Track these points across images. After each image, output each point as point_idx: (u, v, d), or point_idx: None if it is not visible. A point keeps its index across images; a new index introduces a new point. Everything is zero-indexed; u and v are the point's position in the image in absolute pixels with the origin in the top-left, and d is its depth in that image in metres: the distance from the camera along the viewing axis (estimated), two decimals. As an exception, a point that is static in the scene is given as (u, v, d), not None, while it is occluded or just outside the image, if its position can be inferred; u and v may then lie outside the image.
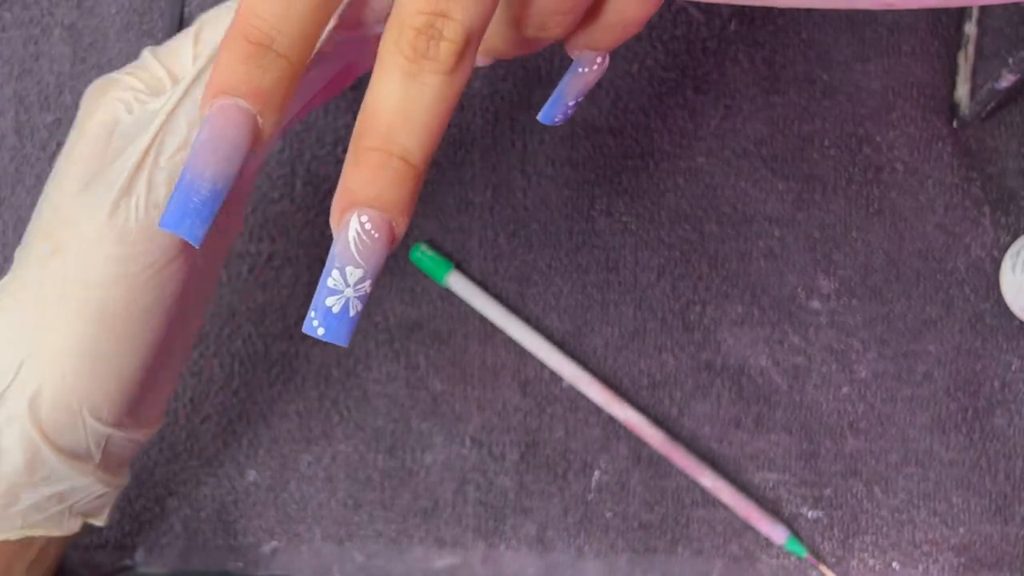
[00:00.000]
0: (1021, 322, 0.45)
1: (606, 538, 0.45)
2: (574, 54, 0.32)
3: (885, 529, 0.46)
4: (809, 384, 0.46)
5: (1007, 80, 0.43)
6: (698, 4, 0.47)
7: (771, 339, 0.46)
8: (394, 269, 0.45)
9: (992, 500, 0.46)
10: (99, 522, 0.37)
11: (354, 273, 0.26)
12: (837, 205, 0.45)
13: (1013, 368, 0.45)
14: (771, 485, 0.45)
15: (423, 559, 0.46)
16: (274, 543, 0.46)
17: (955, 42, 0.45)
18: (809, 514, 0.46)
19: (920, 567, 0.46)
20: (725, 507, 0.45)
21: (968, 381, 0.45)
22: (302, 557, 0.46)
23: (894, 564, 0.46)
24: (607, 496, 0.45)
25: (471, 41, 0.26)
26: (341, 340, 0.26)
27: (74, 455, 0.33)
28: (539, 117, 0.34)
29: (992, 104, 0.44)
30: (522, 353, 0.45)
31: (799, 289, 0.46)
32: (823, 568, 0.45)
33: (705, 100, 0.46)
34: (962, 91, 0.44)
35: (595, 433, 0.45)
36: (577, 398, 0.45)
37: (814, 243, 0.45)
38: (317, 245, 0.46)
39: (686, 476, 0.45)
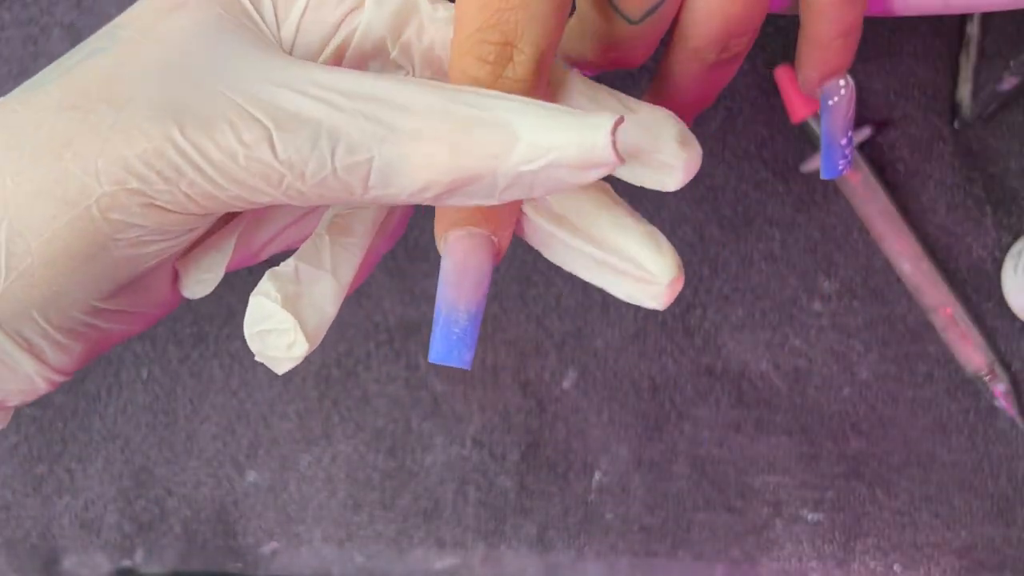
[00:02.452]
0: (1022, 323, 0.45)
1: (606, 540, 0.45)
2: (813, 91, 0.33)
3: (887, 531, 0.46)
4: (810, 386, 0.46)
5: (1009, 83, 0.43)
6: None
7: (772, 342, 0.46)
8: (393, 270, 0.45)
9: (994, 502, 0.46)
10: None
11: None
12: (838, 206, 0.45)
13: (1013, 369, 0.45)
14: (772, 488, 0.45)
15: (423, 560, 0.46)
16: (274, 544, 0.46)
17: (957, 43, 0.45)
18: (810, 517, 0.46)
19: (922, 569, 0.46)
20: (728, 510, 0.45)
21: (970, 382, 0.45)
22: (302, 558, 0.46)
23: (896, 567, 0.46)
24: (608, 498, 0.45)
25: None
26: None
27: None
28: (822, 175, 0.34)
29: (994, 105, 0.44)
30: (522, 353, 0.45)
31: (800, 291, 0.45)
32: None
33: (706, 101, 0.46)
34: (964, 91, 0.44)
35: (596, 434, 0.45)
36: (578, 398, 0.45)
37: (815, 245, 0.45)
38: (318, 246, 0.46)
39: (687, 479, 0.45)
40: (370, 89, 0.25)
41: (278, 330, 0.28)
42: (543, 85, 0.28)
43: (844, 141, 0.33)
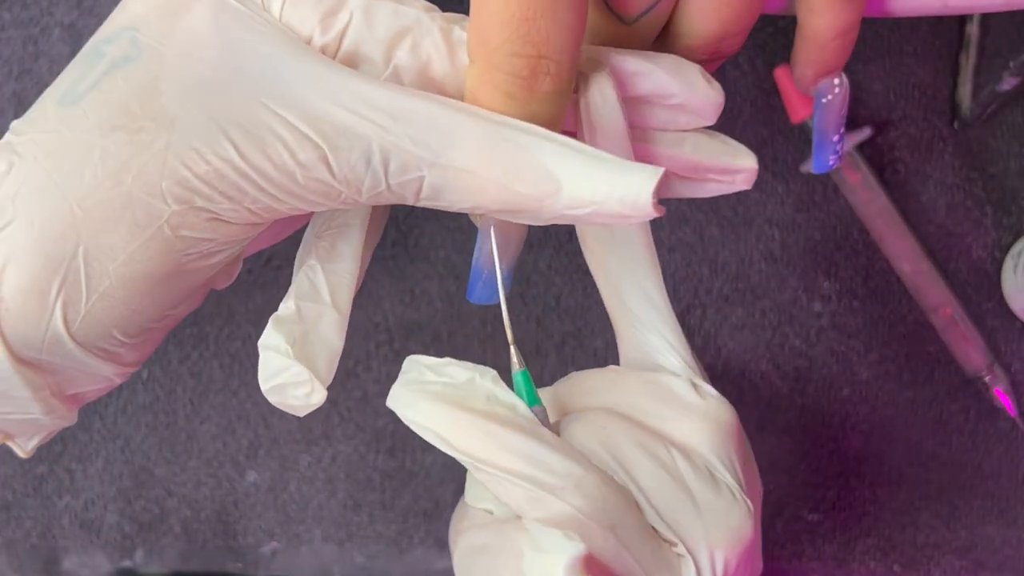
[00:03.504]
0: (1022, 323, 0.45)
1: (606, 540, 0.45)
2: (808, 88, 0.33)
3: (887, 531, 0.46)
4: (810, 386, 0.46)
5: (1008, 83, 0.43)
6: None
7: (772, 343, 0.46)
8: (393, 271, 0.45)
9: (995, 502, 0.46)
10: (18, 450, 0.31)
11: None
12: (837, 206, 0.45)
13: (1013, 369, 0.45)
14: (772, 488, 0.45)
15: (423, 560, 0.46)
16: (274, 544, 0.46)
17: (957, 43, 0.45)
18: (810, 516, 0.46)
19: (922, 570, 0.46)
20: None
21: (970, 382, 0.45)
22: (302, 558, 0.46)
23: (896, 567, 0.46)
24: (607, 498, 0.45)
25: None
26: None
27: (25, 360, 0.27)
28: (812, 170, 0.35)
29: (994, 106, 0.44)
30: (522, 353, 0.45)
31: (800, 292, 0.45)
32: None
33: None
34: (963, 91, 0.44)
35: (595, 434, 0.45)
36: (577, 399, 0.45)
37: (815, 245, 0.45)
38: (318, 246, 0.46)
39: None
40: (415, 109, 0.26)
41: (294, 382, 0.28)
42: (572, 96, 0.28)
43: (836, 138, 0.34)
